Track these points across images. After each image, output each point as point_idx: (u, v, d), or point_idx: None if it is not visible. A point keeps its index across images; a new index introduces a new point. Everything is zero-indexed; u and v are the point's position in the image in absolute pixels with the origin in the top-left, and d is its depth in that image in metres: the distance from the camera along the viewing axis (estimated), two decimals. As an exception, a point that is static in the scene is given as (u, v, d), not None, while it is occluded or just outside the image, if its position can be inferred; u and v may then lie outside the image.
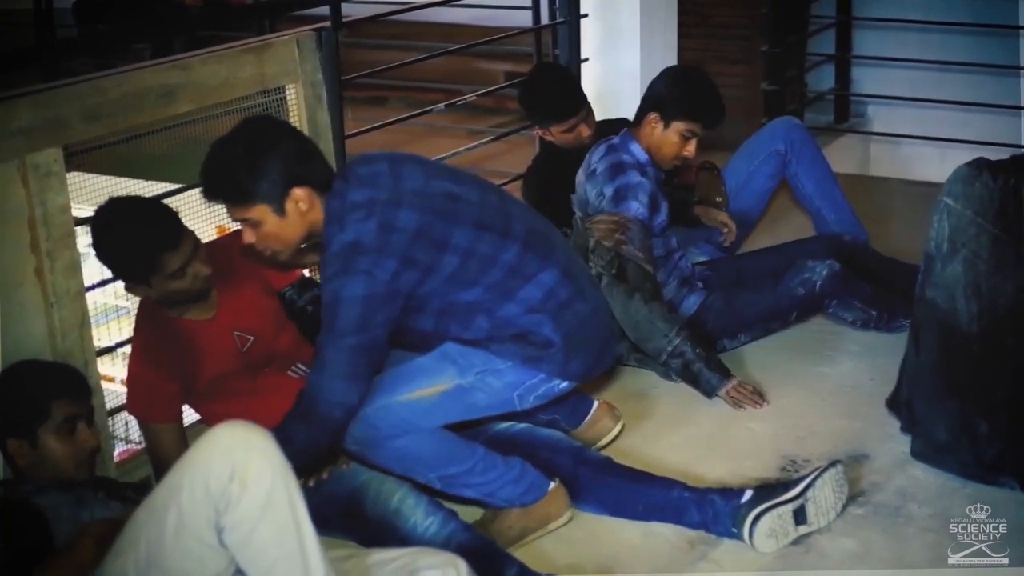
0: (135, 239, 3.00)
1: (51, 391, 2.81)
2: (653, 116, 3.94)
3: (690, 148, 3.95)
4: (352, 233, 2.81)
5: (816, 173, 4.51)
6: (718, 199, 4.41)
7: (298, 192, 2.85)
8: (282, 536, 2.25)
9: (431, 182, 2.93)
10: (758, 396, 3.75)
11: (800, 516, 3.05)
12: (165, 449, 3.10)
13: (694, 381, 3.78)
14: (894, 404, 3.57)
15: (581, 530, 3.16)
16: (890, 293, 4.18)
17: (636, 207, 3.83)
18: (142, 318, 3.20)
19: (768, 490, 3.09)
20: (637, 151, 3.96)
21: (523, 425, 3.36)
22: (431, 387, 2.97)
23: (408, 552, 2.63)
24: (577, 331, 3.00)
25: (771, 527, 3.02)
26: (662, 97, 3.96)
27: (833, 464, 3.13)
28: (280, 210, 2.85)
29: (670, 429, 3.65)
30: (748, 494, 3.08)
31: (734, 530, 3.06)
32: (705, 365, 3.77)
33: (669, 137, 3.94)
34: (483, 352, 2.98)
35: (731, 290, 4.16)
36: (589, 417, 3.47)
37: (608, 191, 3.87)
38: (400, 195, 2.86)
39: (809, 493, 3.05)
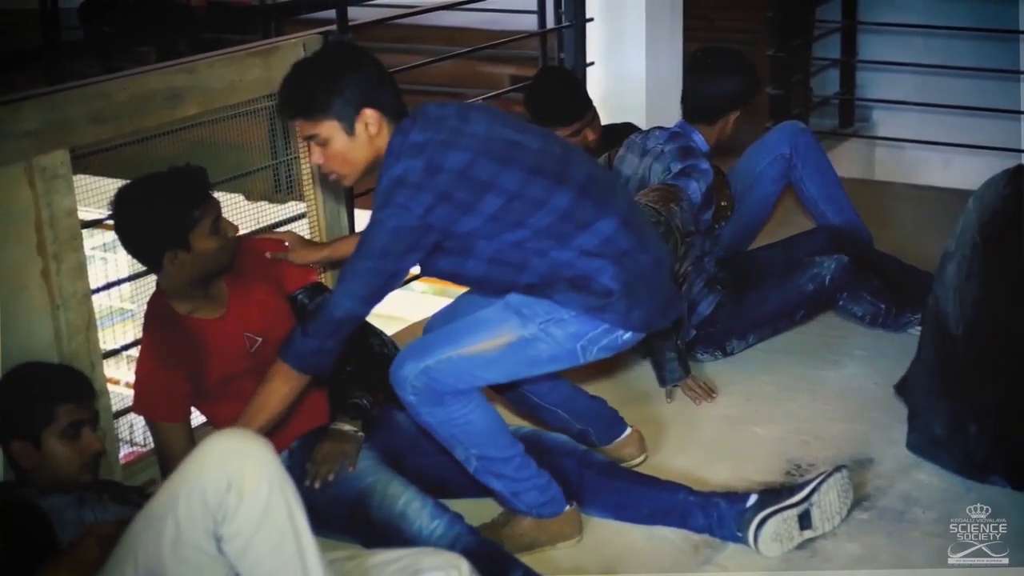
0: (172, 197, 3.03)
1: (56, 395, 2.82)
2: (735, 115, 4.09)
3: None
4: (401, 168, 2.82)
5: (821, 177, 4.51)
6: (723, 203, 4.40)
7: (369, 113, 2.85)
8: (280, 545, 2.25)
9: (494, 128, 2.92)
10: (709, 390, 3.84)
11: (805, 520, 3.05)
12: (172, 448, 3.11)
13: (659, 367, 3.82)
14: (902, 390, 3.60)
15: (586, 534, 3.16)
16: (897, 289, 4.21)
17: (695, 188, 3.86)
18: (151, 316, 3.21)
19: (773, 494, 3.09)
20: (701, 142, 4.05)
21: (530, 428, 3.37)
22: (493, 339, 2.95)
23: (410, 552, 2.63)
24: (639, 281, 2.94)
25: (776, 531, 3.02)
26: (740, 93, 4.08)
27: (838, 469, 3.13)
28: (350, 129, 2.86)
29: (674, 433, 3.65)
30: (753, 498, 3.08)
31: (739, 534, 3.06)
32: (677, 357, 3.79)
33: (732, 124, 4.13)
34: (546, 301, 2.93)
35: (740, 289, 4.17)
36: (619, 440, 3.45)
37: (675, 167, 3.92)
38: (457, 137, 2.86)
39: (814, 498, 3.06)
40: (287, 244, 3.36)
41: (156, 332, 3.18)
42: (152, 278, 3.32)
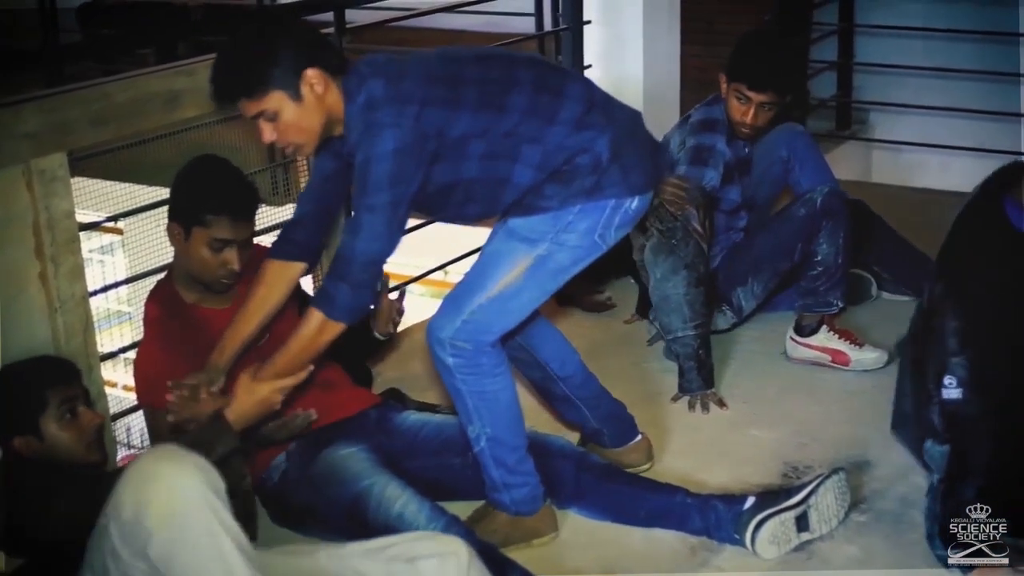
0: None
1: (44, 380, 2.82)
2: (722, 76, 4.01)
3: (748, 113, 3.95)
4: (364, 94, 2.81)
5: (819, 180, 4.50)
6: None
7: (311, 73, 2.80)
8: (205, 564, 2.22)
9: (428, 53, 2.96)
10: (720, 404, 3.83)
11: (802, 523, 3.05)
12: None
13: (680, 373, 3.83)
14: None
15: (583, 536, 3.16)
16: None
17: (710, 176, 3.85)
18: (156, 301, 3.21)
19: (770, 497, 3.09)
20: (721, 111, 4.01)
21: (529, 429, 3.36)
22: (512, 270, 2.95)
23: (406, 538, 2.58)
24: (627, 140, 2.95)
25: (773, 534, 3.03)
26: (729, 60, 4.02)
27: (835, 471, 3.13)
28: (296, 95, 2.80)
29: (672, 435, 3.65)
30: (750, 501, 3.08)
31: (736, 536, 3.06)
32: (698, 366, 3.80)
33: (731, 99, 3.98)
34: (546, 216, 2.93)
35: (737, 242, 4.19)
36: (629, 445, 3.44)
37: (690, 143, 3.90)
38: (405, 63, 2.88)
39: (811, 500, 3.06)
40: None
41: (159, 319, 3.17)
42: (149, 282, 3.33)
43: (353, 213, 2.87)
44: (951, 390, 2.93)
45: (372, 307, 3.34)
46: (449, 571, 2.46)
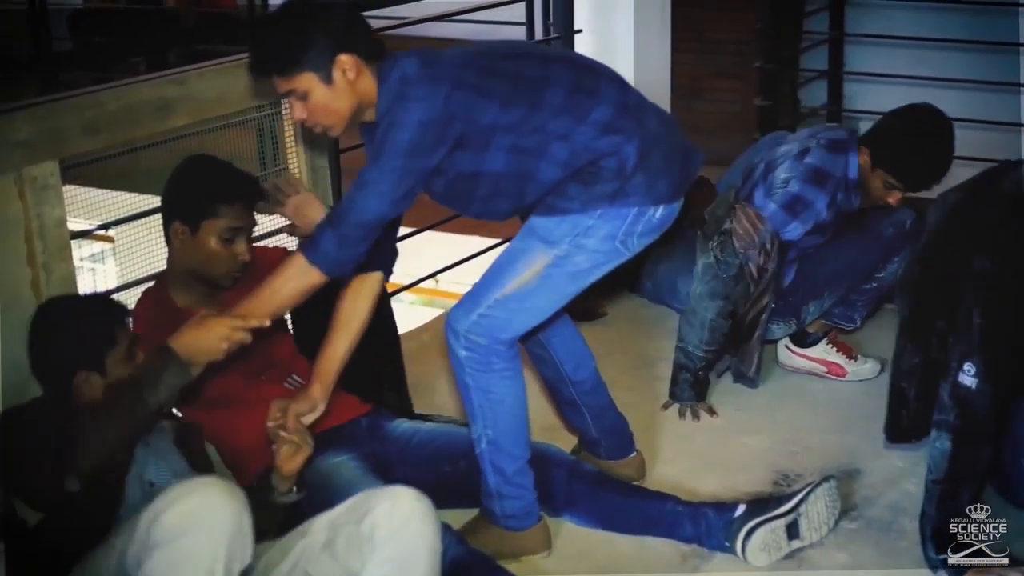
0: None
1: (113, 318, 2.77)
2: (866, 149, 3.80)
3: (893, 197, 3.81)
4: (398, 71, 2.83)
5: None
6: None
7: (344, 59, 2.82)
8: None
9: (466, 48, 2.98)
10: (711, 412, 3.85)
11: (793, 530, 3.06)
12: None
13: (673, 381, 3.86)
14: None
15: (575, 544, 3.16)
16: None
17: (794, 229, 3.78)
18: (146, 305, 3.21)
19: (761, 504, 3.10)
20: (853, 166, 3.80)
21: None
22: (529, 269, 2.95)
23: (352, 501, 2.57)
24: (653, 146, 2.93)
25: (764, 541, 3.03)
26: (880, 137, 3.81)
27: (826, 479, 3.14)
28: (327, 78, 2.82)
29: (664, 443, 3.66)
30: (741, 508, 3.09)
31: (727, 544, 3.07)
32: (692, 381, 3.82)
33: (875, 180, 3.80)
34: (567, 218, 2.92)
35: (814, 252, 4.05)
36: (623, 460, 3.44)
37: (793, 188, 3.78)
38: (442, 54, 2.90)
39: (802, 508, 3.07)
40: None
41: (149, 319, 3.17)
42: (140, 290, 3.33)
43: (363, 170, 2.86)
44: (968, 377, 2.96)
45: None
46: (402, 509, 2.49)
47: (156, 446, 2.73)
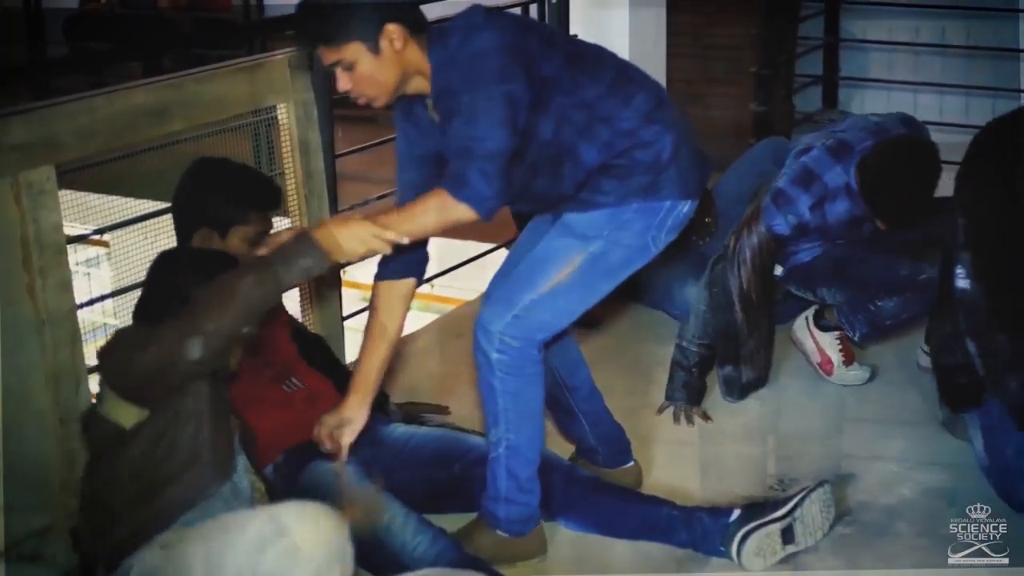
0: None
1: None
2: (857, 174, 3.73)
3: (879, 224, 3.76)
4: (463, 19, 2.84)
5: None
6: (707, 219, 4.42)
7: (392, 28, 2.80)
8: None
9: None
10: (704, 416, 3.84)
11: (788, 535, 3.06)
12: None
13: (669, 379, 3.87)
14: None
15: (570, 549, 3.17)
16: None
17: (780, 226, 3.78)
18: None
19: (756, 509, 3.10)
20: (839, 177, 3.75)
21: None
22: (565, 267, 2.95)
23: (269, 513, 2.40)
24: (683, 142, 2.96)
25: (759, 546, 3.03)
26: (873, 189, 3.70)
27: (821, 483, 3.14)
28: (375, 48, 2.80)
29: (658, 448, 3.66)
30: (736, 513, 3.09)
31: (722, 549, 3.07)
32: (686, 380, 3.83)
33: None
34: (602, 212, 2.93)
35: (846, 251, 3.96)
36: (620, 469, 3.44)
37: (781, 182, 3.80)
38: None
39: (797, 512, 3.07)
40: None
41: None
42: (135, 295, 3.32)
43: (457, 119, 2.78)
44: (961, 280, 3.02)
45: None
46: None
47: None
